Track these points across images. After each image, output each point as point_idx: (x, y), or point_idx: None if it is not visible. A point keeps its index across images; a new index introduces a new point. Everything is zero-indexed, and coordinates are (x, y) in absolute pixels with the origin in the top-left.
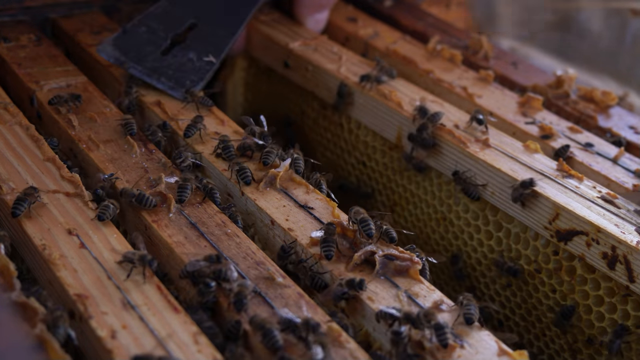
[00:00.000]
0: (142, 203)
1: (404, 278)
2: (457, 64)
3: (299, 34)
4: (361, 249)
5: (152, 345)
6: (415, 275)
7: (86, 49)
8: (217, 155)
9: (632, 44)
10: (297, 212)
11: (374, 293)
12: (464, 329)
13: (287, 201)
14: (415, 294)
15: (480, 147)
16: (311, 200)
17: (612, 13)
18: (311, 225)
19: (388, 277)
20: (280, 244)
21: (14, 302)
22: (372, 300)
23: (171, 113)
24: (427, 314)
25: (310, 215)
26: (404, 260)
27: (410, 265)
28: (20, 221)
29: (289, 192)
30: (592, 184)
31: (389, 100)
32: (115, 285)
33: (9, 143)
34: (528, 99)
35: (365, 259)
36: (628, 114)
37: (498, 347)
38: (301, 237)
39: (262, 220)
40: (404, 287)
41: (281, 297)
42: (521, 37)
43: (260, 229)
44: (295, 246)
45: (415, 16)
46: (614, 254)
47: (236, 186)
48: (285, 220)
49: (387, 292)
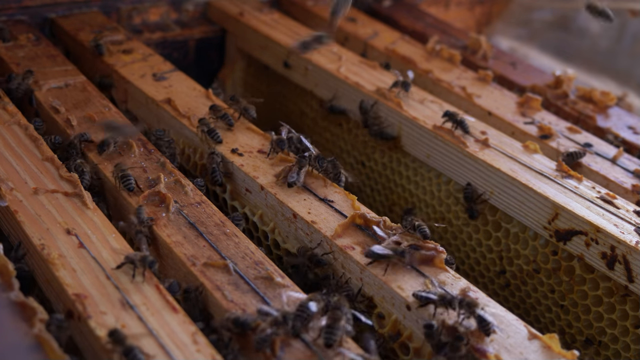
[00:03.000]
0: (123, 182)
1: (430, 267)
2: (456, 64)
3: (298, 34)
4: (386, 239)
5: (151, 345)
6: (440, 264)
7: (88, 49)
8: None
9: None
10: (318, 205)
11: (402, 282)
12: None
13: (306, 195)
14: (442, 282)
15: (480, 147)
16: (330, 193)
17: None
18: (333, 217)
19: (414, 266)
20: (303, 237)
21: (13, 302)
22: (402, 289)
23: (182, 110)
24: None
25: (331, 208)
26: (428, 249)
27: (435, 255)
28: (19, 221)
29: (308, 186)
30: (591, 184)
31: (388, 100)
32: (114, 285)
33: (7, 142)
34: (527, 99)
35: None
36: (627, 114)
37: (528, 331)
38: (325, 229)
39: (284, 214)
40: (430, 275)
41: (280, 297)
42: (520, 37)
43: (281, 223)
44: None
45: (414, 16)
46: (613, 254)
47: (255, 181)
48: (307, 213)
49: (414, 280)
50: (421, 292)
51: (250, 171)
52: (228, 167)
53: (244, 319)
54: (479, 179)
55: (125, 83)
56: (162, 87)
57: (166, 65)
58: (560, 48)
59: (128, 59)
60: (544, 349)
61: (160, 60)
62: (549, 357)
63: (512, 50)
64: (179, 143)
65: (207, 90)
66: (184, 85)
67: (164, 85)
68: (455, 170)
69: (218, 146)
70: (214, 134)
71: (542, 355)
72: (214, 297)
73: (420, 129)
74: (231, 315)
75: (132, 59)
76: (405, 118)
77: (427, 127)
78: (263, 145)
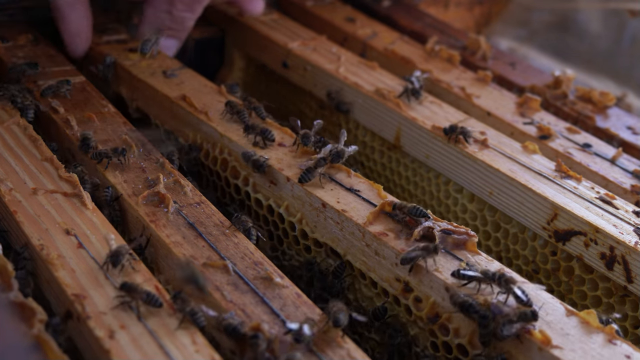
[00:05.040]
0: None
1: (462, 251)
2: (455, 64)
3: (298, 34)
4: (419, 224)
5: (150, 345)
6: (472, 247)
7: (94, 47)
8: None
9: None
10: (345, 194)
11: (439, 265)
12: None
13: (333, 185)
14: (476, 264)
15: (479, 148)
16: (355, 183)
17: (611, 14)
18: (362, 206)
19: (448, 250)
20: (333, 226)
21: (12, 302)
22: (440, 271)
23: (199, 106)
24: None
25: (359, 197)
26: (460, 234)
27: (467, 239)
28: (18, 221)
29: (333, 177)
30: (590, 184)
31: (387, 100)
32: (113, 285)
33: (6, 143)
34: (526, 99)
35: (423, 234)
36: (626, 114)
37: (565, 309)
38: (356, 217)
39: (312, 204)
40: (464, 259)
41: (279, 297)
42: (519, 38)
43: (309, 213)
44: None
45: (414, 16)
46: (612, 254)
47: (280, 173)
48: (336, 202)
49: (450, 263)
50: (465, 270)
51: (274, 163)
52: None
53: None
54: (478, 179)
55: (136, 81)
56: (174, 84)
57: (174, 63)
58: (559, 48)
59: (135, 58)
60: (583, 324)
61: (166, 57)
62: (588, 332)
63: (511, 51)
64: (197, 139)
65: (218, 86)
66: (195, 82)
67: (175, 82)
68: (454, 171)
69: (239, 140)
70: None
71: (582, 330)
72: (213, 297)
73: (420, 130)
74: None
75: (139, 57)
76: (405, 118)
77: (426, 128)
78: (282, 138)
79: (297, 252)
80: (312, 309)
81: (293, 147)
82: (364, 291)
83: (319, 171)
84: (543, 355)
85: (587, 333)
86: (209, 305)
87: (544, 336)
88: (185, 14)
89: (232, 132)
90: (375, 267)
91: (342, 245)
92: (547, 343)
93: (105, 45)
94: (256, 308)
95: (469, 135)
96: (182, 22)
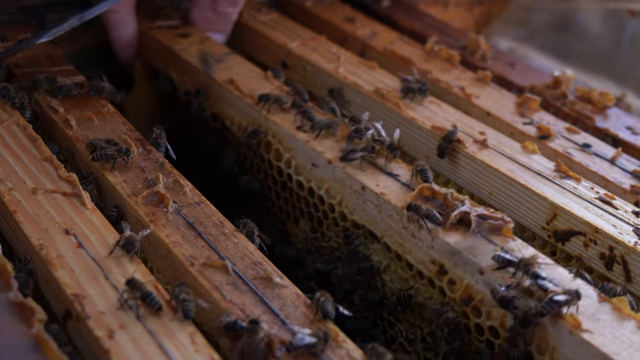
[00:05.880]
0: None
1: (498, 236)
2: (454, 64)
3: (297, 34)
4: (456, 209)
5: (150, 345)
6: (508, 232)
7: (146, 32)
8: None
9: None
10: (385, 178)
11: (474, 248)
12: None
13: (373, 169)
14: (511, 249)
15: (479, 148)
16: (394, 168)
17: (610, 14)
18: (400, 190)
19: (483, 234)
20: (372, 208)
21: (12, 302)
22: (474, 255)
23: (246, 90)
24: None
25: (398, 181)
26: (496, 219)
27: (503, 224)
28: (18, 221)
29: (373, 161)
30: (589, 184)
31: (387, 100)
32: (112, 285)
33: (6, 142)
34: (526, 99)
35: (460, 218)
36: (625, 114)
37: (597, 295)
38: (394, 200)
39: (352, 186)
40: (499, 243)
41: (278, 297)
42: (519, 38)
43: (349, 196)
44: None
45: (413, 16)
46: (612, 254)
47: (322, 156)
48: (375, 185)
49: (485, 247)
50: (502, 254)
51: (316, 146)
52: None
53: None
54: (478, 179)
55: (185, 65)
56: (222, 68)
57: (222, 48)
58: (559, 48)
59: (186, 42)
60: (615, 311)
61: (215, 43)
62: (619, 318)
63: (510, 51)
64: (242, 122)
65: (265, 72)
66: (242, 67)
67: (224, 67)
68: (454, 171)
69: (282, 123)
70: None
71: (613, 316)
72: (212, 297)
73: (419, 130)
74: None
75: (189, 42)
76: (404, 118)
77: (425, 128)
78: None
79: (336, 234)
80: (311, 309)
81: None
82: (399, 273)
83: (361, 155)
84: (573, 338)
85: (618, 319)
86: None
87: (574, 320)
88: (229, 9)
89: (276, 115)
90: (412, 249)
91: (380, 228)
92: (578, 327)
93: (157, 30)
94: (255, 308)
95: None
96: (227, 17)
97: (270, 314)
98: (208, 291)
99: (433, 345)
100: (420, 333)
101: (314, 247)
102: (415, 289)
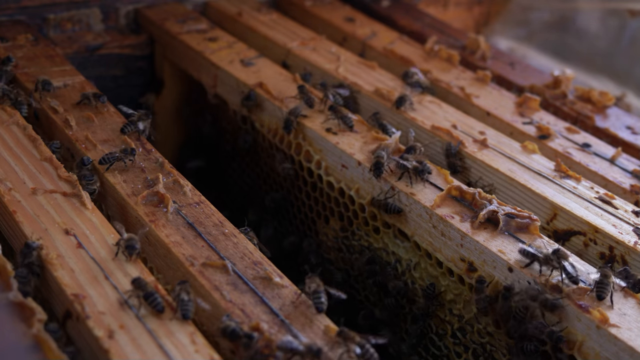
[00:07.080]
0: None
1: (525, 234)
2: (454, 64)
3: (297, 34)
4: (484, 208)
5: (149, 345)
6: (535, 231)
7: (176, 37)
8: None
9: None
10: (414, 178)
11: (503, 246)
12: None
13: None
14: (538, 247)
15: (478, 147)
16: None
17: (610, 14)
18: (429, 190)
19: (511, 233)
20: (402, 208)
21: (11, 302)
22: (503, 252)
23: (275, 93)
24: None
25: (427, 181)
26: (523, 218)
27: (530, 223)
28: (17, 221)
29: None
30: (589, 184)
31: (386, 100)
32: (112, 285)
33: (6, 143)
34: (525, 99)
35: (488, 217)
36: (625, 114)
37: (623, 290)
38: (424, 200)
39: (382, 187)
40: (527, 241)
41: (278, 297)
42: (519, 38)
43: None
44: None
45: (413, 16)
46: (612, 254)
47: (352, 157)
48: (405, 185)
49: (513, 245)
50: (528, 248)
51: (346, 148)
52: None
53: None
54: (478, 179)
55: (215, 69)
56: (251, 72)
57: (251, 52)
58: (558, 48)
59: (215, 46)
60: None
61: (244, 47)
62: None
63: (510, 51)
64: (272, 124)
65: (293, 75)
66: (271, 70)
67: (253, 70)
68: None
69: (311, 124)
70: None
71: (638, 311)
72: (212, 297)
73: (419, 130)
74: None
75: (218, 46)
76: (404, 118)
77: (425, 128)
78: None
79: (367, 233)
80: (311, 308)
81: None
82: (429, 270)
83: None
84: (601, 333)
85: None
86: (209, 305)
87: (602, 315)
88: None
89: (306, 118)
90: (441, 248)
91: (409, 227)
92: (605, 322)
93: (186, 34)
94: (255, 308)
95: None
96: None
97: (270, 314)
98: (208, 291)
99: (463, 341)
100: (450, 328)
101: (344, 246)
102: (445, 286)
